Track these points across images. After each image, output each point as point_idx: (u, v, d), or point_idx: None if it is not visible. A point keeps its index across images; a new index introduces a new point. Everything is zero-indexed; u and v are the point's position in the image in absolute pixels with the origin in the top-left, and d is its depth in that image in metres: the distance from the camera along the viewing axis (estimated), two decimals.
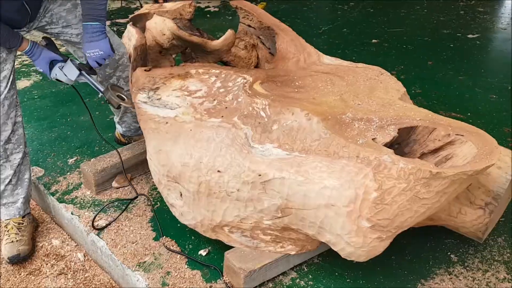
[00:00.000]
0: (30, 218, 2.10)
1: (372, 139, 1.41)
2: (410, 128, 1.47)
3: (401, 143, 1.49)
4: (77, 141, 2.62)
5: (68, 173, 2.34)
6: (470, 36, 4.25)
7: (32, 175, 2.27)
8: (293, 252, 1.65)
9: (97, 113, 2.93)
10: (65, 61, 1.85)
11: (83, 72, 1.87)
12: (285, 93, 1.71)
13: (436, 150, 1.46)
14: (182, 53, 2.45)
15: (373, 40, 4.18)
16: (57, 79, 1.87)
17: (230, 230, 1.69)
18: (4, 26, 1.67)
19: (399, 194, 1.31)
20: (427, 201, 1.31)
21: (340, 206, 1.37)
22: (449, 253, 1.81)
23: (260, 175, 1.53)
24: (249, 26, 2.68)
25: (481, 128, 1.54)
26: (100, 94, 1.93)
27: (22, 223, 2.04)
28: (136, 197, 2.09)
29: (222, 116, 1.71)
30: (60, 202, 2.14)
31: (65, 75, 1.85)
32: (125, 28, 2.24)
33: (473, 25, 4.60)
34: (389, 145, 1.42)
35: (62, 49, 3.54)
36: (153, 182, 2.26)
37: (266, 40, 2.53)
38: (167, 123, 1.78)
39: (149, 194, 2.19)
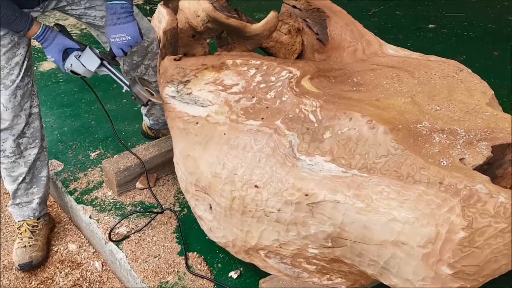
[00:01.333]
0: (46, 220, 1.90)
1: (460, 159, 1.08)
2: (505, 145, 1.13)
3: (492, 164, 1.16)
4: (101, 132, 2.40)
5: (89, 169, 2.12)
6: None
7: (50, 169, 2.06)
8: (343, 287, 1.36)
9: (124, 101, 2.70)
10: (82, 49, 1.58)
11: (105, 62, 1.60)
12: (341, 92, 1.39)
13: None
14: (217, 37, 2.17)
15: (430, 25, 3.75)
16: (72, 71, 1.59)
17: (267, 254, 1.42)
18: (9, 3, 1.41)
19: (495, 236, 0.99)
20: None
21: (414, 245, 1.06)
22: None
23: (307, 195, 1.24)
24: (294, 7, 2.35)
25: None
26: (125, 89, 1.65)
27: (37, 226, 1.84)
28: (161, 212, 1.84)
29: (262, 118, 1.42)
30: (79, 203, 1.93)
31: (83, 65, 1.56)
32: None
33: None
34: (480, 167, 1.09)
35: (81, 35, 3.31)
36: None
37: (314, 24, 2.20)
38: (197, 123, 1.50)
39: (175, 198, 1.94)
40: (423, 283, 1.07)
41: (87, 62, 1.57)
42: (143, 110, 2.23)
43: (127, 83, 1.65)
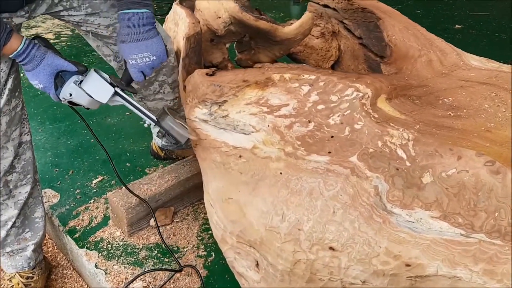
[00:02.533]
0: (42, 268, 1.53)
1: None
2: None
3: None
4: (102, 152, 2.02)
5: (91, 201, 1.76)
6: None
7: (44, 201, 1.70)
8: None
9: (127, 113, 2.33)
10: (82, 72, 1.17)
11: (118, 90, 1.21)
12: (435, 119, 1.06)
13: None
14: (238, 41, 1.83)
15: (456, 26, 3.45)
16: (70, 102, 1.18)
17: None
18: None
19: None
20: None
21: None
22: None
23: (408, 265, 0.91)
24: (326, 6, 2.02)
25: None
26: (148, 123, 1.27)
27: (32, 277, 1.48)
28: (180, 270, 1.45)
29: (330, 153, 1.08)
30: (81, 246, 1.57)
31: (89, 95, 1.17)
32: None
33: None
34: None
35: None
36: (203, 218, 1.66)
37: (356, 26, 1.87)
38: (240, 156, 1.16)
39: (199, 238, 1.59)
40: None
41: (94, 91, 1.18)
42: (154, 129, 1.87)
43: (154, 117, 1.26)
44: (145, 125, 1.29)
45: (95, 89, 1.17)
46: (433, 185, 0.94)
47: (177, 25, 1.65)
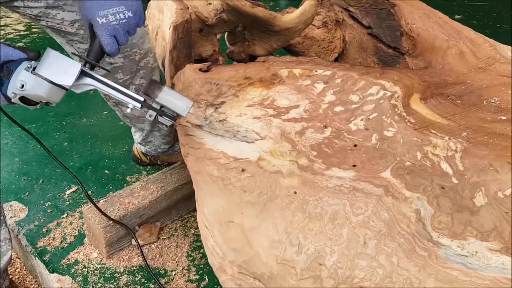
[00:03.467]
0: None
1: None
2: None
3: None
4: (78, 158, 1.80)
5: (64, 216, 1.53)
6: None
7: (10, 216, 1.47)
8: None
9: (105, 112, 2.10)
10: (33, 58, 0.88)
11: (87, 69, 0.92)
12: (484, 124, 0.87)
13: None
14: (230, 32, 1.63)
15: (456, 16, 3.29)
16: (22, 99, 0.88)
17: None
18: None
19: None
20: None
21: None
22: None
23: None
24: None
25: None
26: (132, 107, 0.95)
27: None
28: None
29: (355, 166, 0.88)
30: (52, 271, 1.34)
31: (47, 79, 0.86)
32: None
33: None
34: None
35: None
36: (194, 234, 1.46)
37: (364, 14, 1.67)
38: (243, 170, 0.95)
39: (189, 258, 1.38)
40: None
41: (55, 73, 0.88)
42: (136, 135, 1.64)
43: (140, 97, 0.95)
44: (128, 110, 0.97)
45: (56, 70, 0.88)
46: (489, 208, 0.75)
47: (162, 12, 1.43)
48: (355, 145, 0.92)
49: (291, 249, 0.84)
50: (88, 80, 0.93)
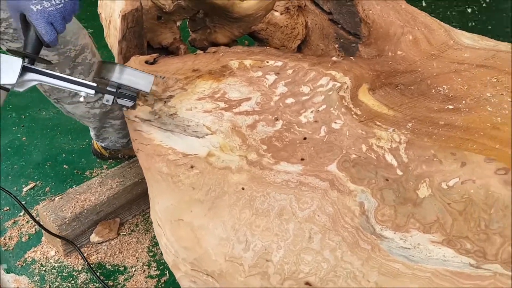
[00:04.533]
0: None
1: None
2: None
3: None
4: (37, 153, 1.74)
5: (21, 213, 1.49)
6: None
7: None
8: None
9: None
10: None
11: (28, 64, 0.87)
12: (430, 114, 0.86)
13: None
14: (190, 19, 1.58)
15: (423, 3, 3.29)
16: None
17: None
18: None
19: None
20: None
21: None
22: None
23: None
24: None
25: None
26: (85, 94, 0.91)
27: None
28: None
29: (303, 159, 0.87)
30: (8, 271, 1.31)
31: None
32: None
33: None
34: None
35: None
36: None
37: (325, 0, 1.65)
38: (192, 167, 0.93)
39: (150, 254, 1.36)
40: None
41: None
42: (92, 130, 1.59)
43: (92, 83, 0.90)
44: (81, 99, 0.92)
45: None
46: (432, 200, 0.75)
47: (114, 0, 1.38)
48: (305, 138, 0.91)
49: (238, 247, 0.83)
50: (31, 75, 0.89)
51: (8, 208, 1.51)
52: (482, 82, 0.95)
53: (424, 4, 3.25)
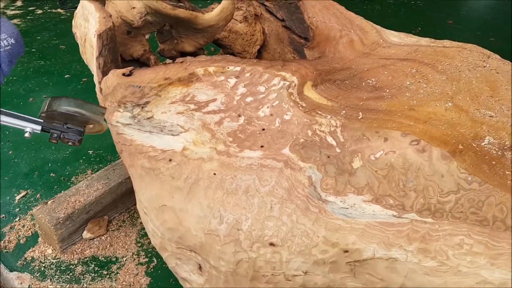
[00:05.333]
0: None
1: None
2: None
3: None
4: (24, 164, 1.88)
5: (17, 219, 1.63)
6: None
7: None
8: None
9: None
10: None
11: None
12: (360, 102, 1.06)
13: None
14: (158, 31, 1.75)
15: None
16: None
17: None
18: None
19: None
20: None
21: None
22: None
23: (346, 251, 0.92)
24: None
25: None
26: (30, 130, 0.95)
27: None
28: None
29: (262, 147, 1.05)
30: (11, 270, 1.45)
31: None
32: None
33: None
34: None
35: None
36: (141, 224, 1.59)
37: (277, 8, 1.85)
38: (170, 160, 1.10)
39: (138, 244, 1.53)
40: None
41: None
42: None
43: (39, 120, 0.94)
44: (26, 135, 0.94)
45: None
46: (363, 169, 0.95)
47: (88, 21, 1.53)
48: (263, 129, 1.10)
49: (214, 221, 1.02)
50: None
51: (4, 215, 1.64)
52: (404, 73, 1.16)
53: None
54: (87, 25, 1.54)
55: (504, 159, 0.88)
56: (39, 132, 0.94)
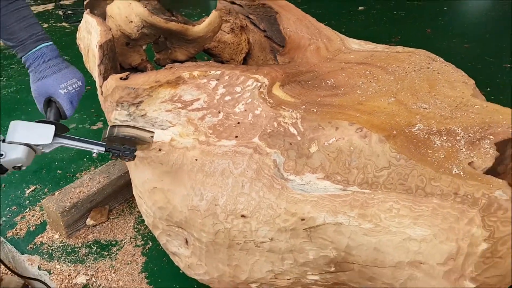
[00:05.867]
0: None
1: (469, 163, 1.01)
2: (505, 140, 1.08)
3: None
4: (33, 163, 2.07)
5: (27, 210, 1.83)
6: None
7: None
8: None
9: None
10: None
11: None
12: (319, 99, 1.26)
13: None
14: (154, 43, 1.97)
15: (360, 7, 3.76)
16: None
17: (260, 287, 1.27)
18: None
19: None
20: None
21: (433, 264, 0.97)
22: None
23: (303, 219, 1.11)
24: (233, 3, 2.19)
25: (507, 105, 1.16)
26: (97, 151, 1.15)
27: None
28: None
29: (236, 137, 1.25)
30: (22, 253, 1.64)
31: (25, 144, 1.02)
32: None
33: None
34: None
35: None
36: (138, 212, 1.79)
37: (260, 20, 2.06)
38: (160, 150, 1.30)
39: (135, 230, 1.72)
40: None
41: (31, 136, 1.02)
42: None
43: (103, 143, 1.14)
44: (94, 155, 1.16)
45: (31, 134, 1.03)
46: (318, 153, 1.15)
47: (90, 34, 1.74)
48: (238, 123, 1.30)
49: (196, 199, 1.21)
50: (56, 139, 1.09)
51: (15, 207, 1.84)
52: (358, 74, 1.36)
53: None
54: (90, 37, 1.75)
55: (428, 141, 1.07)
56: (103, 152, 1.14)
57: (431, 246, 0.97)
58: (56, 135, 1.08)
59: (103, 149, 1.14)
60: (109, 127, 1.17)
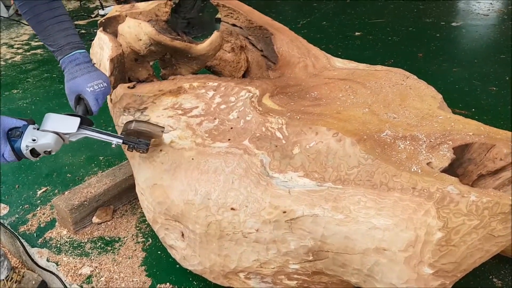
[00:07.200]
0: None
1: (427, 163, 1.16)
2: (463, 146, 1.23)
3: (453, 164, 1.25)
4: (45, 167, 2.25)
5: (38, 208, 1.98)
6: (454, 24, 4.10)
7: None
8: None
9: None
10: (32, 123, 1.21)
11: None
12: (302, 108, 1.43)
13: (496, 171, 1.23)
14: (160, 59, 2.15)
15: (356, 33, 3.97)
16: (32, 151, 1.17)
17: (247, 276, 1.41)
18: None
19: (469, 233, 1.06)
20: (503, 238, 1.08)
21: (395, 250, 1.11)
22: (491, 277, 1.60)
23: (284, 212, 1.26)
24: (234, 25, 2.39)
25: (490, 125, 1.31)
26: (116, 143, 1.33)
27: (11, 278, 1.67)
28: None
29: (229, 140, 1.41)
30: (33, 246, 1.79)
31: (54, 132, 1.19)
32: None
33: (454, 12, 4.47)
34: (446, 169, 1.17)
35: None
36: (140, 212, 1.94)
37: (257, 41, 2.25)
38: (161, 150, 1.46)
39: (137, 228, 1.87)
40: (407, 285, 1.12)
41: (59, 126, 1.20)
42: None
43: (121, 136, 1.33)
44: (113, 146, 1.33)
45: (59, 124, 1.21)
46: (300, 154, 1.30)
47: (103, 49, 1.93)
48: (231, 128, 1.46)
49: (191, 193, 1.36)
50: (80, 131, 1.27)
51: (27, 205, 2.00)
52: (339, 88, 1.53)
53: None
54: (102, 53, 1.93)
55: (394, 145, 1.23)
56: (121, 144, 1.33)
57: (393, 234, 1.11)
58: (81, 126, 1.25)
59: (121, 141, 1.33)
60: (126, 122, 1.36)
